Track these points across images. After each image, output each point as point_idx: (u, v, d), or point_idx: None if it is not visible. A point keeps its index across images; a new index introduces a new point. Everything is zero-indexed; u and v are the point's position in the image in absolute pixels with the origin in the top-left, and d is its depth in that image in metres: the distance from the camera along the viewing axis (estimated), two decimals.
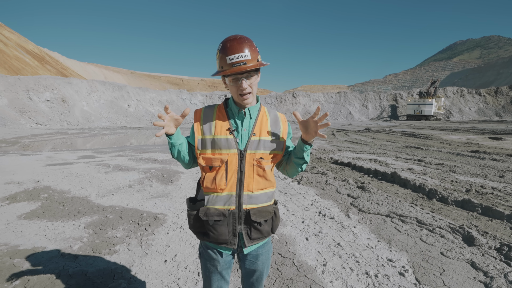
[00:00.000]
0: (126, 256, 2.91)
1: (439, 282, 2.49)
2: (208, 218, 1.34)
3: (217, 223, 1.34)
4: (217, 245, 1.39)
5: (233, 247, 1.38)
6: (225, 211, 1.34)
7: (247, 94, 1.30)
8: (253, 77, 1.30)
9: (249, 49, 1.26)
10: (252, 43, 1.29)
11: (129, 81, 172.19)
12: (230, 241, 1.37)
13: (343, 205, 4.57)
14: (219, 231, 1.34)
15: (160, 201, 4.73)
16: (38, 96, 28.54)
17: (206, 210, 1.35)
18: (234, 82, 1.28)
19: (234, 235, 1.37)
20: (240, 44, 1.24)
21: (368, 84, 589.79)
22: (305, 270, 2.68)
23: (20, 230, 3.49)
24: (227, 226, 1.35)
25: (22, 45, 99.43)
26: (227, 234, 1.35)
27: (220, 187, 1.33)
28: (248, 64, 1.24)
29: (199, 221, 1.37)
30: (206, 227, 1.36)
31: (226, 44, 1.25)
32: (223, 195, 1.34)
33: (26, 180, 5.92)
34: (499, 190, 5.40)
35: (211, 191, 1.35)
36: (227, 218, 1.34)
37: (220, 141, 1.33)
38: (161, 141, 15.73)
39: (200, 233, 1.40)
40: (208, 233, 1.36)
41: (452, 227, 3.59)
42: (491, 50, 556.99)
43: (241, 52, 1.23)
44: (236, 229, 1.36)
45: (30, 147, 12.47)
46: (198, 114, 1.42)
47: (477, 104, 55.75)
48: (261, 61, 1.32)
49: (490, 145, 12.97)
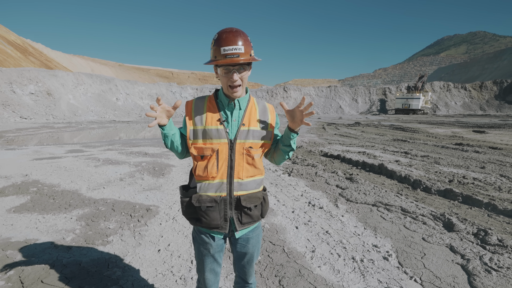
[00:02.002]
0: (119, 246, 2.95)
1: (420, 265, 2.65)
2: (201, 205, 1.40)
3: (209, 209, 1.41)
4: (209, 229, 1.46)
5: (224, 231, 1.46)
6: (216, 197, 1.41)
7: (237, 86, 1.35)
8: (244, 71, 1.35)
9: (243, 43, 1.30)
10: (247, 37, 1.34)
11: (117, 73, 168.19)
12: (221, 226, 1.44)
13: (332, 196, 4.71)
14: (211, 216, 1.41)
15: (152, 193, 4.76)
16: (22, 89, 27.62)
17: (198, 197, 1.41)
18: (226, 73, 1.33)
19: (225, 220, 1.44)
20: (235, 37, 1.29)
21: (358, 78, 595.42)
22: (294, 256, 2.80)
23: (10, 223, 3.47)
24: (219, 212, 1.42)
25: (3, 35, 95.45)
26: (219, 219, 1.42)
27: (211, 175, 1.39)
28: (241, 57, 1.29)
29: (191, 207, 1.44)
30: (199, 213, 1.42)
31: (222, 35, 1.29)
32: (215, 183, 1.41)
33: (14, 174, 5.82)
34: (480, 180, 5.66)
35: (203, 179, 1.41)
36: (219, 204, 1.41)
37: (211, 131, 1.38)
38: (151, 135, 15.59)
39: (193, 219, 1.47)
40: (200, 219, 1.43)
41: (434, 215, 3.78)
42: (477, 46, 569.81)
43: (235, 44, 1.28)
44: (227, 214, 1.43)
45: (15, 142, 12.16)
46: (190, 105, 1.47)
47: (463, 99, 57.23)
48: (254, 56, 1.36)
49: (474, 138, 13.44)
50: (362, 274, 2.51)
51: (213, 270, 1.55)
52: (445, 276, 2.48)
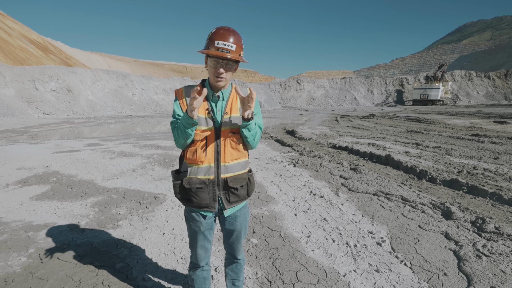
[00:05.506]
0: (128, 230, 3.19)
1: (412, 250, 2.72)
2: (191, 186, 1.56)
3: (199, 190, 1.56)
4: (200, 209, 1.62)
5: (213, 210, 1.61)
6: (205, 180, 1.56)
7: (221, 78, 1.49)
8: (231, 68, 1.51)
9: (236, 43, 1.46)
10: (240, 39, 1.50)
11: (133, 69, 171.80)
12: (210, 205, 1.60)
13: (334, 185, 4.78)
14: (201, 196, 1.57)
15: (161, 183, 5.01)
16: (44, 86, 28.91)
17: (189, 180, 1.57)
18: (214, 64, 1.47)
19: (214, 200, 1.59)
20: (230, 35, 1.45)
21: (374, 69, 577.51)
22: (290, 240, 2.94)
23: (32, 209, 3.80)
24: (208, 193, 1.57)
25: (25, 35, 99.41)
26: (208, 199, 1.58)
27: (200, 159, 1.54)
28: (230, 54, 1.44)
29: (183, 189, 1.60)
30: (189, 194, 1.58)
31: (219, 31, 1.45)
32: (203, 166, 1.56)
33: (36, 166, 6.25)
34: (491, 171, 5.54)
35: (193, 162, 1.57)
36: (207, 186, 1.56)
37: (201, 119, 1.53)
38: (165, 128, 16.01)
39: (184, 200, 1.63)
40: (191, 199, 1.59)
41: (434, 204, 3.79)
42: (503, 32, 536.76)
43: (228, 42, 1.43)
44: (215, 195, 1.59)
45: (39, 136, 12.87)
46: (181, 92, 1.61)
47: (486, 88, 54.47)
48: (242, 57, 1.52)
49: (493, 129, 12.93)
50: (353, 258, 2.62)
51: (203, 246, 1.71)
52: (436, 260, 2.54)
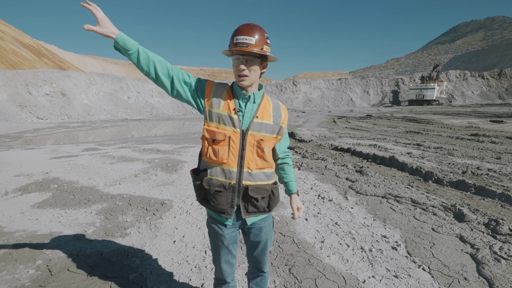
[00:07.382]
0: (137, 238, 3.11)
1: (429, 254, 2.69)
2: (210, 188, 1.48)
3: (217, 193, 1.48)
4: (216, 213, 1.54)
5: (229, 217, 1.52)
6: (225, 183, 1.47)
7: (243, 76, 1.41)
8: (254, 64, 1.41)
9: (257, 36, 1.36)
10: (263, 33, 1.39)
11: (128, 72, 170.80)
12: (227, 211, 1.50)
13: (342, 188, 4.75)
14: (219, 200, 1.49)
15: (165, 188, 4.93)
16: (37, 90, 28.55)
17: (209, 180, 1.49)
18: (236, 62, 1.41)
19: (232, 207, 1.50)
20: (250, 29, 1.37)
21: (370, 70, 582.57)
22: (304, 246, 2.88)
23: (35, 218, 3.70)
24: (226, 198, 1.49)
25: (18, 38, 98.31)
26: (225, 204, 1.49)
27: (222, 160, 1.46)
28: (250, 47, 1.35)
29: (202, 189, 1.53)
30: (208, 195, 1.51)
31: (240, 27, 1.39)
32: (225, 169, 1.47)
33: (35, 173, 6.12)
34: (495, 171, 5.56)
35: (214, 162, 1.48)
36: (227, 190, 1.48)
37: (226, 117, 1.44)
38: (162, 132, 15.89)
39: (203, 200, 1.56)
40: (208, 201, 1.52)
41: (445, 206, 3.77)
42: (495, 32, 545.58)
43: (247, 35, 1.35)
44: (234, 201, 1.50)
45: (33, 141, 12.66)
46: (210, 85, 1.51)
47: (480, 88, 55.20)
48: (265, 51, 1.40)
49: (491, 128, 13.06)
50: (370, 263, 2.58)
51: (228, 261, 1.63)
52: (454, 264, 2.51)
